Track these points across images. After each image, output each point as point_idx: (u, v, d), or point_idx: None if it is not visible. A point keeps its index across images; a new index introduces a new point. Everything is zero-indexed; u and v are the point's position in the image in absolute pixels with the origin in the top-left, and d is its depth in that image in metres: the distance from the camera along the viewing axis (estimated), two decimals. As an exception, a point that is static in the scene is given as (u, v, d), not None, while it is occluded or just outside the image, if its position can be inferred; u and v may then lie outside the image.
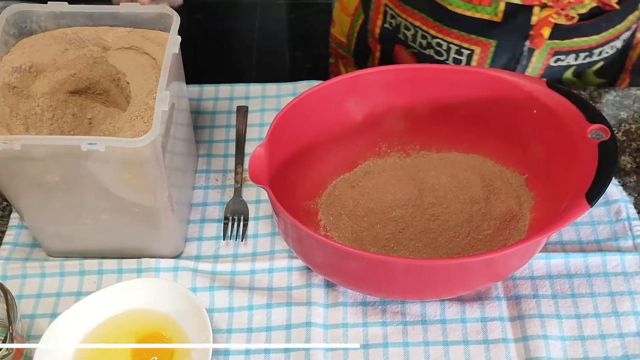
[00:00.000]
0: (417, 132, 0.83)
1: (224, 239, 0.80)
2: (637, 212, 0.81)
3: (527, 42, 0.86)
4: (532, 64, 0.89)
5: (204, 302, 0.75)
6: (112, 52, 0.73)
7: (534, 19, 0.84)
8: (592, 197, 0.66)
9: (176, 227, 0.77)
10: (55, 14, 0.73)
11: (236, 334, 0.74)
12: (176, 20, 0.71)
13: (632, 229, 0.80)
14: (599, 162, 0.68)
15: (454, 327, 0.74)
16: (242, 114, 0.91)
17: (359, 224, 0.79)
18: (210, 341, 0.69)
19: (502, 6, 0.83)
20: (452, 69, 0.79)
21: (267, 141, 0.73)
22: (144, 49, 0.72)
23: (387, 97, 0.81)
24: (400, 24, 0.91)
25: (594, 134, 0.71)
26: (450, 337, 0.73)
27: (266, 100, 0.93)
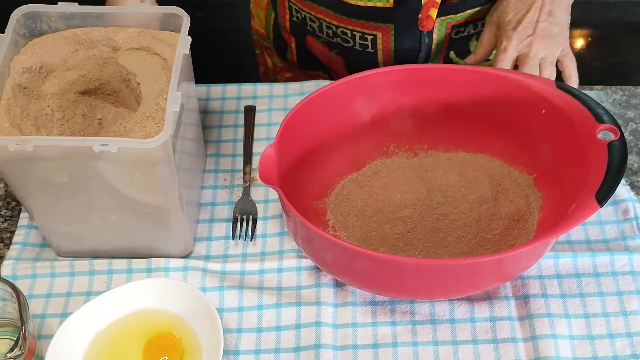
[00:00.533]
0: (425, 132, 0.84)
1: (232, 239, 0.81)
2: (645, 211, 0.82)
3: None
4: (434, 40, 0.92)
5: (214, 301, 0.76)
6: (122, 52, 0.73)
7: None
8: (602, 198, 0.66)
9: (185, 227, 0.77)
10: (65, 14, 0.74)
11: (246, 334, 0.74)
12: (186, 20, 0.72)
13: (640, 228, 0.80)
14: (609, 162, 0.68)
15: (463, 326, 0.74)
16: (249, 113, 0.91)
17: (367, 223, 0.80)
18: (221, 341, 0.69)
19: None
20: (461, 69, 0.80)
21: (277, 141, 0.73)
22: (154, 49, 0.72)
23: (395, 97, 0.81)
24: (305, 17, 0.94)
25: (603, 134, 0.71)
26: (459, 336, 0.74)
27: (273, 99, 0.93)
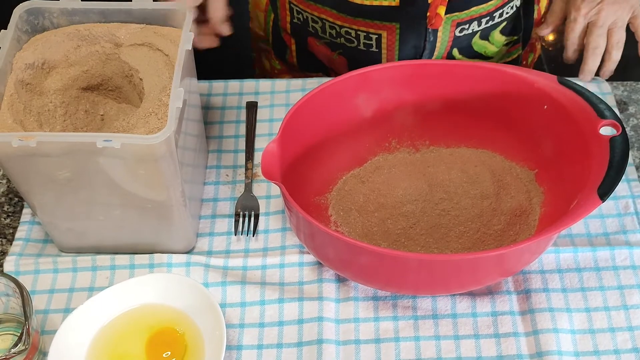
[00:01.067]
0: (426, 128, 0.84)
1: (235, 235, 0.81)
2: (646, 206, 0.82)
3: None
4: (439, 38, 0.92)
5: (217, 297, 0.76)
6: (124, 48, 0.73)
7: None
8: (604, 193, 0.66)
9: (188, 223, 0.77)
10: (67, 10, 0.74)
11: (248, 329, 0.74)
12: (189, 16, 0.72)
13: (641, 223, 0.81)
14: (611, 157, 0.68)
15: (464, 321, 0.75)
16: (251, 109, 0.91)
17: (369, 219, 0.80)
18: (223, 336, 0.69)
19: None
20: (462, 65, 0.80)
21: (279, 137, 0.73)
22: (156, 45, 0.72)
23: (396, 93, 0.82)
24: (307, 18, 0.93)
25: (605, 130, 0.71)
26: (461, 331, 0.74)
27: (275, 95, 0.93)
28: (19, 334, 0.67)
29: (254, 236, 0.81)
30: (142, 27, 0.74)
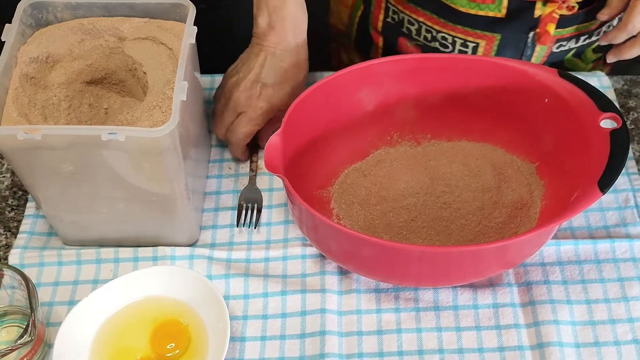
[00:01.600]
0: (428, 121, 0.84)
1: (237, 226, 0.81)
2: (646, 199, 0.83)
3: (531, 33, 0.87)
4: (536, 52, 0.91)
5: (220, 289, 0.76)
6: (128, 42, 0.74)
7: (537, 12, 0.85)
8: (605, 185, 0.67)
9: (191, 216, 0.78)
10: (71, 4, 0.74)
11: (252, 321, 0.75)
12: (192, 10, 0.72)
13: (641, 215, 0.81)
14: (611, 150, 0.69)
15: (466, 313, 0.75)
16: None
17: (371, 212, 0.80)
18: (227, 328, 0.70)
19: (505, 2, 0.85)
20: (464, 58, 0.80)
21: (282, 131, 0.74)
22: (160, 39, 0.73)
23: (398, 86, 0.82)
24: (403, 19, 0.92)
25: (606, 123, 0.71)
26: (462, 323, 0.75)
27: (277, 89, 0.93)
28: (24, 326, 0.68)
29: (255, 228, 0.81)
30: (146, 21, 0.74)
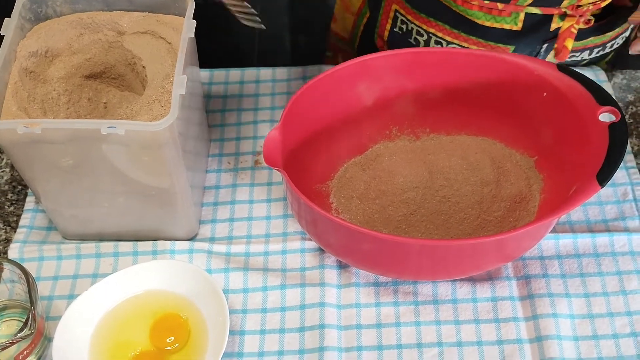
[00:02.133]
0: (427, 116, 0.84)
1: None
2: (644, 193, 0.83)
3: (545, 45, 0.86)
4: None
5: (219, 283, 0.77)
6: (127, 36, 0.74)
7: (554, 25, 0.84)
8: (603, 179, 0.67)
9: (191, 210, 0.78)
10: (70, -2, 0.74)
11: (251, 314, 0.75)
12: (191, 4, 0.72)
13: (639, 209, 0.81)
14: (610, 143, 0.69)
15: (465, 306, 0.75)
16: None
17: (370, 206, 0.80)
18: (227, 321, 0.70)
19: (521, 16, 0.83)
20: (462, 52, 0.80)
21: (281, 125, 0.74)
22: (159, 33, 0.73)
23: (397, 81, 0.82)
24: (412, 29, 0.91)
25: (604, 116, 0.72)
26: (461, 316, 0.75)
27: (277, 84, 0.94)
28: (24, 320, 0.68)
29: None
30: (145, 15, 0.74)
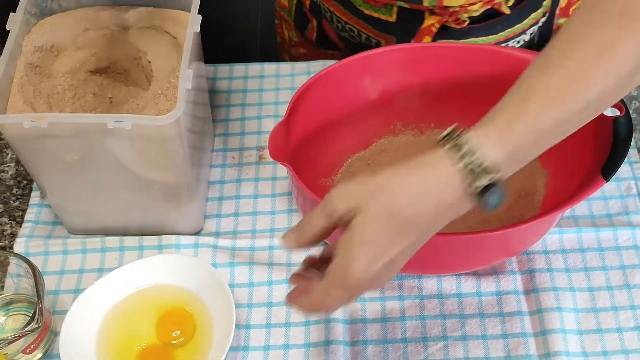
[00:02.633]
0: (431, 111, 0.84)
1: None
2: (648, 187, 0.83)
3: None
4: None
5: (225, 277, 0.77)
6: (132, 31, 0.74)
7: (426, 22, 0.85)
8: (608, 173, 0.67)
9: (196, 204, 0.78)
10: (75, -7, 0.74)
11: (257, 308, 0.75)
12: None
13: (643, 204, 0.82)
14: (614, 137, 0.69)
15: (469, 300, 0.76)
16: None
17: (375, 200, 0.81)
18: (233, 315, 0.70)
19: (395, 8, 0.85)
20: (467, 47, 0.80)
21: (286, 119, 0.74)
22: (164, 28, 0.73)
23: (401, 76, 0.82)
24: (320, 4, 0.93)
25: (609, 111, 0.72)
26: (466, 310, 0.75)
27: (280, 79, 0.94)
28: (30, 314, 0.68)
29: None
30: (150, 9, 0.75)
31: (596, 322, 0.74)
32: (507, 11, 0.85)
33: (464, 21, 0.84)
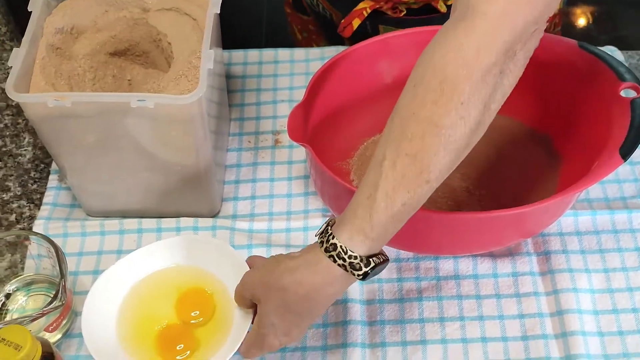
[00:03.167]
0: (446, 94, 0.85)
1: None
2: (662, 171, 0.83)
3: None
4: None
5: (243, 259, 0.77)
6: (152, 13, 0.74)
7: (360, 4, 0.86)
8: (626, 152, 0.67)
9: (214, 187, 0.79)
10: (95, -25, 0.75)
11: (274, 290, 0.76)
12: (216, -19, 0.73)
13: (657, 187, 0.82)
14: (632, 118, 0.69)
15: (486, 281, 0.76)
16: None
17: (391, 183, 0.81)
18: None
19: None
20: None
21: (304, 102, 0.74)
22: (184, 10, 0.73)
23: (416, 59, 0.82)
24: None
25: (626, 92, 0.72)
26: (482, 291, 0.76)
27: (295, 64, 0.94)
28: (51, 295, 0.68)
29: None
30: (170, -8, 0.75)
31: (612, 302, 0.74)
32: (444, 9, 0.86)
33: (401, 11, 0.86)
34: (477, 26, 0.54)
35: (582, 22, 2.01)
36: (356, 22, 0.86)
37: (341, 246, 0.57)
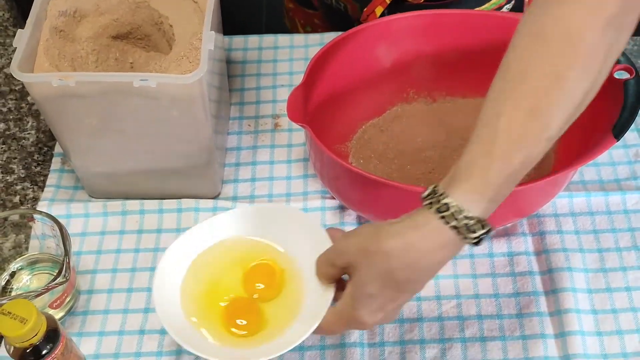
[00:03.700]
0: (443, 78, 0.86)
1: None
2: (655, 153, 0.85)
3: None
4: None
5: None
6: (154, -4, 0.76)
7: None
8: (619, 132, 0.69)
9: (215, 168, 0.80)
10: (98, -41, 0.76)
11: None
12: (216, -36, 0.74)
13: (651, 169, 0.83)
14: (624, 99, 0.71)
15: (482, 261, 0.78)
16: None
17: (389, 165, 0.82)
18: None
19: None
20: (480, 14, 0.82)
21: (304, 84, 0.75)
22: (185, -7, 0.74)
23: (414, 43, 0.84)
24: None
25: (619, 74, 0.73)
26: (478, 270, 0.77)
27: (294, 50, 0.96)
28: (54, 274, 0.70)
29: None
30: (171, -25, 0.76)
31: (605, 281, 0.76)
32: None
33: None
34: None
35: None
36: (379, 10, 0.85)
37: (456, 206, 0.52)
